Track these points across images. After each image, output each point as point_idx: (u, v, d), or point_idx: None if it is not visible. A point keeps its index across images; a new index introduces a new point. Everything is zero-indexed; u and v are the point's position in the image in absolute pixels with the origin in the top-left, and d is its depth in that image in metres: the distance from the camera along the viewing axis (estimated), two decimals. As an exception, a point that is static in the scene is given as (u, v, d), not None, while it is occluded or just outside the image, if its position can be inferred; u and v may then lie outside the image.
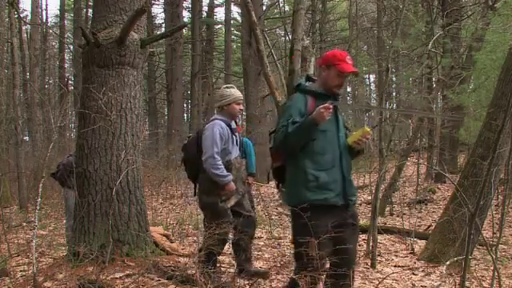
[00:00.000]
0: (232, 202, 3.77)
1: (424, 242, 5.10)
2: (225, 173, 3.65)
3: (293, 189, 2.65)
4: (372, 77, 30.35)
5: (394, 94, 23.89)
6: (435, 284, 3.84)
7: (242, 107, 3.92)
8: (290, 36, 12.06)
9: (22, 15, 18.94)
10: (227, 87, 3.96)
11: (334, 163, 2.64)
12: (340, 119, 2.77)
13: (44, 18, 23.09)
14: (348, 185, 2.67)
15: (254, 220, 4.03)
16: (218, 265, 3.80)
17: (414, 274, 4.19)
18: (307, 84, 2.81)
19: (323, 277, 2.58)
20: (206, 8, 22.86)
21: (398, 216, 7.79)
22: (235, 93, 3.86)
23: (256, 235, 5.01)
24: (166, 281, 3.58)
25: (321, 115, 2.51)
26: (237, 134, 3.94)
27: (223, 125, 3.77)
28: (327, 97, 2.68)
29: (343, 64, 2.68)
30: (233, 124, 3.91)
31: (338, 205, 2.61)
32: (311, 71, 9.69)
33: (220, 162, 3.65)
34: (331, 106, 2.53)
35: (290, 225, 7.02)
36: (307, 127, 2.55)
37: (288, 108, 2.71)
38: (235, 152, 3.86)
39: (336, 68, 2.68)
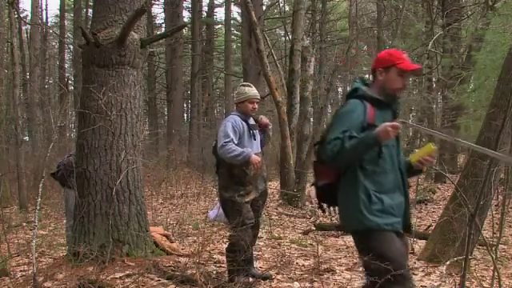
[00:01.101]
0: (251, 196, 3.73)
1: (424, 241, 5.10)
2: (240, 150, 3.60)
3: (353, 212, 2.32)
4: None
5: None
6: (435, 284, 3.84)
7: (255, 106, 3.87)
8: (290, 36, 12.08)
9: (22, 15, 18.94)
10: (243, 85, 3.98)
11: (396, 185, 2.36)
12: (399, 135, 2.45)
13: (44, 18, 23.14)
14: (407, 210, 2.42)
15: (258, 224, 3.97)
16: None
17: (414, 273, 4.18)
18: (365, 89, 2.46)
19: None
20: (205, 8, 22.88)
21: (397, 216, 7.78)
22: (249, 91, 3.85)
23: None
24: (165, 281, 3.58)
25: (387, 134, 2.19)
26: (256, 131, 3.89)
27: (237, 118, 3.77)
28: (387, 105, 2.41)
29: (404, 62, 2.40)
30: (251, 120, 3.88)
31: (399, 232, 2.35)
32: (311, 71, 9.72)
33: (232, 146, 3.59)
34: (400, 125, 2.21)
35: (291, 225, 7.05)
36: (368, 145, 2.23)
37: (344, 116, 2.35)
38: (255, 148, 3.81)
39: (397, 67, 2.39)
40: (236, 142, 3.65)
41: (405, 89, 2.43)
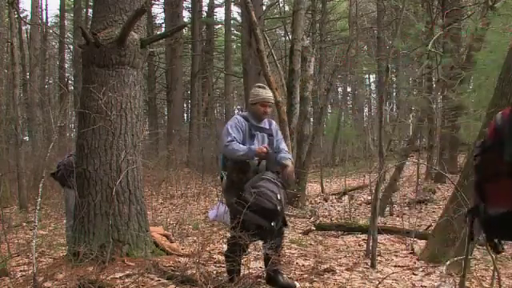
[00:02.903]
0: None
1: (424, 241, 5.10)
2: (242, 147, 3.52)
3: None
4: (372, 77, 30.37)
5: (394, 94, 23.92)
6: (435, 284, 3.84)
7: (267, 109, 3.71)
8: (290, 36, 12.08)
9: (22, 15, 18.95)
10: (258, 86, 3.89)
11: None
12: None
13: (44, 18, 23.13)
14: None
15: (281, 231, 3.77)
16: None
17: (414, 274, 4.19)
18: None
19: None
20: (205, 8, 22.89)
21: (397, 216, 7.79)
22: (262, 93, 3.73)
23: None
24: (165, 281, 3.58)
25: None
26: (264, 134, 3.75)
27: (240, 118, 3.72)
28: None
29: None
30: (263, 123, 3.75)
31: None
32: (311, 71, 9.72)
33: (236, 145, 3.52)
34: None
35: (291, 225, 7.04)
36: None
37: None
38: None
39: None
40: (240, 141, 3.60)
41: None
